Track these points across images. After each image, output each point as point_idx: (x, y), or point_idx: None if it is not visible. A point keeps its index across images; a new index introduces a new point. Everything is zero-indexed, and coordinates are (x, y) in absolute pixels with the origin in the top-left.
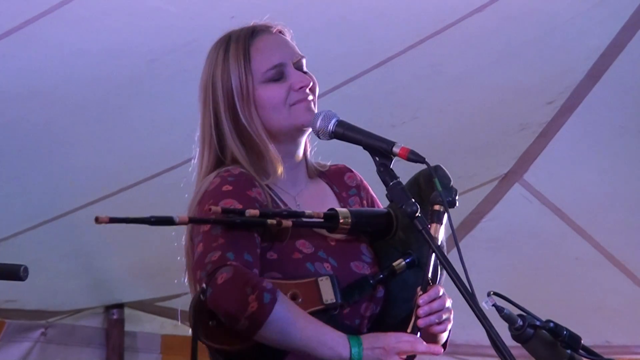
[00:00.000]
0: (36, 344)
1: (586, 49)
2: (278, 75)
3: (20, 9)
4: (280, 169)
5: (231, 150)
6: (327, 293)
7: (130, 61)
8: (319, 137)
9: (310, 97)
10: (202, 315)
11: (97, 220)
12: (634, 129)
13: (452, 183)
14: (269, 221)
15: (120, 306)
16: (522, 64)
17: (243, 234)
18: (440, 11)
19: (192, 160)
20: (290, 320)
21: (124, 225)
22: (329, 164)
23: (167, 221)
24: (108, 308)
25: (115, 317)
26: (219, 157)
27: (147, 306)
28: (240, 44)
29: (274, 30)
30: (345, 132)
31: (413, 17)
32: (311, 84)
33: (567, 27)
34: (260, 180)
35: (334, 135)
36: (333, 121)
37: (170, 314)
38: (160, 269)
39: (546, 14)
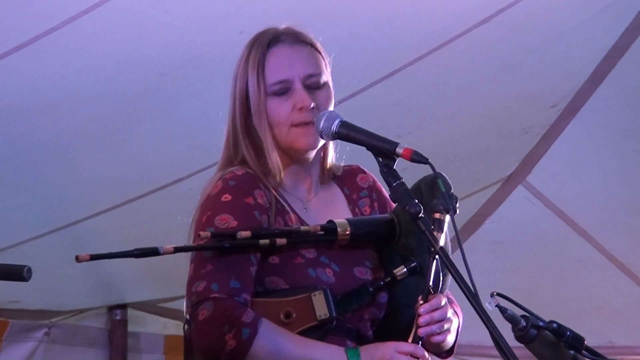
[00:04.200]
0: (40, 344)
1: (589, 52)
2: (282, 91)
3: (30, 25)
4: (280, 177)
5: (242, 148)
6: (321, 308)
7: (139, 76)
8: (322, 138)
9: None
10: (190, 345)
11: (77, 259)
12: (637, 131)
13: (452, 190)
14: (262, 242)
15: (123, 307)
16: (527, 71)
17: (233, 257)
18: (446, 23)
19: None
20: (274, 349)
21: (128, 230)
22: (342, 164)
23: (152, 253)
24: (111, 308)
25: (118, 317)
26: (230, 155)
27: (150, 307)
28: (259, 50)
29: (298, 42)
30: (348, 133)
31: (419, 30)
32: (312, 104)
33: (571, 34)
34: (266, 182)
35: (337, 135)
36: (336, 122)
37: (173, 314)
38: (163, 271)
39: (551, 23)
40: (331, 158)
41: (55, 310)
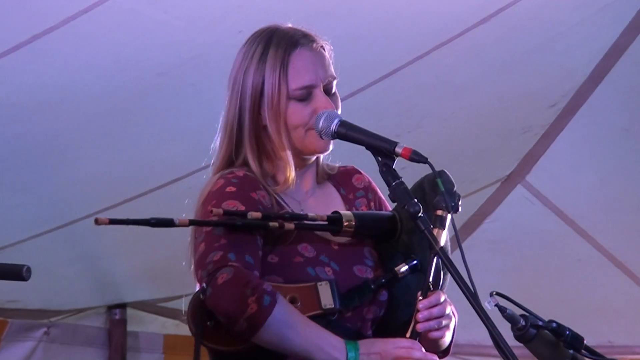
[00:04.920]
0: (39, 344)
1: (588, 52)
2: (305, 96)
3: (29, 24)
4: (291, 176)
5: (245, 149)
6: (326, 298)
7: (138, 75)
8: (321, 137)
9: None
10: (201, 314)
11: (97, 221)
12: (636, 131)
13: (455, 188)
14: (271, 224)
15: (122, 306)
16: (526, 70)
17: (245, 236)
18: (445, 23)
19: (200, 170)
20: (289, 323)
21: (128, 230)
22: (337, 165)
23: (168, 223)
24: (110, 308)
25: (117, 317)
26: (231, 154)
27: (150, 306)
28: (280, 50)
29: (316, 45)
30: (347, 132)
31: (418, 29)
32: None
33: (570, 33)
34: (265, 184)
35: (336, 135)
36: (335, 121)
37: (172, 314)
38: (162, 270)
39: (550, 22)
40: (323, 157)
41: (55, 309)
